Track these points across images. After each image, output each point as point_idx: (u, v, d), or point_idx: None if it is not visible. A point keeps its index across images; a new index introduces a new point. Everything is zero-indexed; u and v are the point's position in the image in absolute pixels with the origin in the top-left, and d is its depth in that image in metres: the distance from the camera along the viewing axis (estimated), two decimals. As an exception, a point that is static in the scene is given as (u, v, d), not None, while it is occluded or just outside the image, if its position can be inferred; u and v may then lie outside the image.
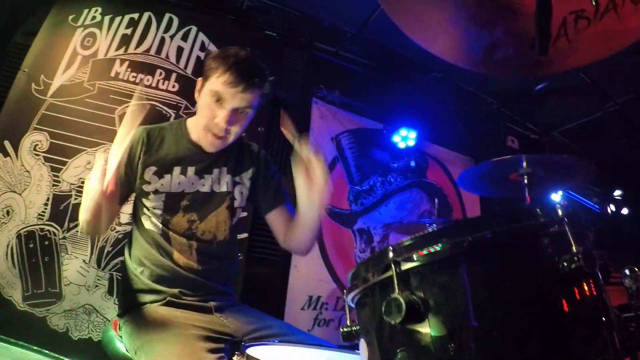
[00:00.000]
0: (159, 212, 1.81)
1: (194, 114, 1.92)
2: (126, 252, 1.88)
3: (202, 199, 1.87)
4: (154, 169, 1.83)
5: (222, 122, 1.74)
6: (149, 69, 3.48)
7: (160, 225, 1.81)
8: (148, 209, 1.82)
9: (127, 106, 3.24)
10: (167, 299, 1.71)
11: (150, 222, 1.82)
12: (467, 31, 1.50)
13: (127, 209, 3.07)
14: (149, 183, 1.82)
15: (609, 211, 5.78)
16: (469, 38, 1.52)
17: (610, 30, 1.41)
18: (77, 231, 2.95)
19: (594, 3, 1.21)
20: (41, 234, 2.90)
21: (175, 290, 1.73)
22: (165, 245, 1.80)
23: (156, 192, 1.82)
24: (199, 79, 1.85)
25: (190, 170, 1.86)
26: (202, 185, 1.87)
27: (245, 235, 3.41)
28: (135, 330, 1.61)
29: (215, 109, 1.74)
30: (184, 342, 1.47)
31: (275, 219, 2.00)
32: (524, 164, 2.40)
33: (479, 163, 2.58)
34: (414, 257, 0.99)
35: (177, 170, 1.84)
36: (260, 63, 1.81)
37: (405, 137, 4.59)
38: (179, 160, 1.86)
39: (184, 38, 3.66)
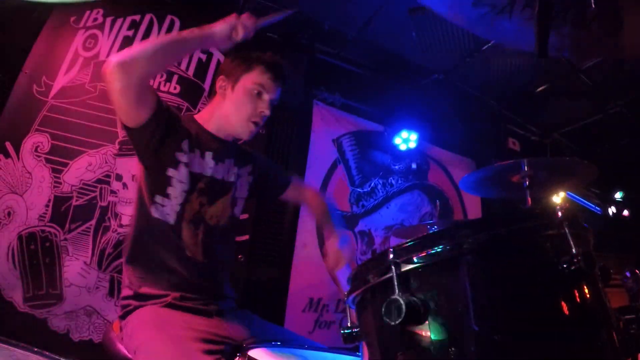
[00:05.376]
0: (184, 187, 1.79)
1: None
2: (127, 254, 1.84)
3: (214, 186, 1.92)
4: (187, 141, 1.84)
5: (267, 111, 1.93)
6: (151, 71, 3.47)
7: (177, 209, 1.78)
8: (169, 186, 1.78)
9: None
10: (169, 301, 1.71)
11: (161, 211, 1.77)
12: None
13: (128, 210, 3.09)
14: (183, 153, 1.81)
15: (610, 213, 5.78)
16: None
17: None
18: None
19: (593, 5, 1.20)
20: (42, 235, 2.91)
21: (177, 294, 1.73)
22: (176, 238, 1.78)
23: (187, 164, 1.81)
24: (223, 78, 1.99)
25: (208, 155, 1.90)
26: (216, 172, 1.92)
27: (246, 237, 3.41)
28: (135, 330, 1.62)
29: (256, 100, 1.93)
30: (181, 342, 1.49)
31: (292, 194, 2.28)
32: (526, 167, 2.40)
33: (481, 168, 2.58)
34: (414, 258, 0.99)
35: (197, 151, 1.87)
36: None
37: (406, 139, 4.59)
38: (199, 143, 1.89)
39: (186, 40, 3.65)
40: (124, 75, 1.55)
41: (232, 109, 1.95)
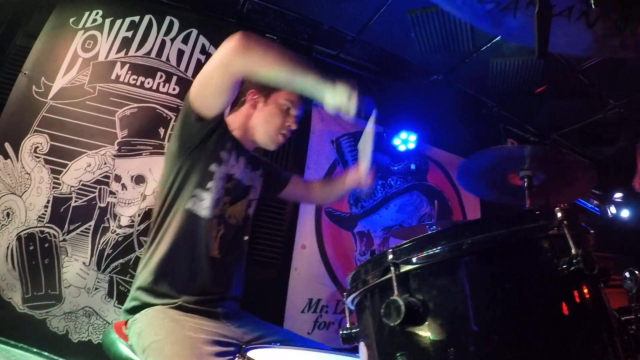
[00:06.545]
0: (223, 183, 1.91)
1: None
2: (149, 252, 1.84)
3: (238, 188, 2.02)
4: (230, 142, 1.97)
5: (294, 125, 2.14)
6: (150, 72, 3.47)
7: (214, 204, 1.86)
8: (211, 181, 1.87)
9: (128, 109, 3.29)
10: (178, 303, 1.72)
11: (199, 205, 1.83)
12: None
13: (129, 211, 3.09)
14: (226, 151, 1.93)
15: (609, 213, 5.78)
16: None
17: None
18: (80, 232, 2.96)
19: (593, 6, 1.20)
20: (41, 236, 2.90)
21: (189, 298, 1.75)
22: (204, 233, 1.83)
23: (226, 163, 1.93)
24: (254, 91, 2.12)
25: (242, 159, 2.04)
26: (242, 175, 2.05)
27: (246, 237, 3.40)
28: (144, 329, 1.62)
29: (285, 115, 2.11)
30: (192, 345, 1.50)
31: (294, 188, 2.49)
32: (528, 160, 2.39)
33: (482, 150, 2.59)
34: (414, 259, 0.99)
35: (234, 153, 1.99)
36: None
37: (405, 140, 4.58)
38: (236, 146, 2.02)
39: (185, 41, 3.66)
40: (243, 59, 1.65)
41: (262, 120, 2.11)
